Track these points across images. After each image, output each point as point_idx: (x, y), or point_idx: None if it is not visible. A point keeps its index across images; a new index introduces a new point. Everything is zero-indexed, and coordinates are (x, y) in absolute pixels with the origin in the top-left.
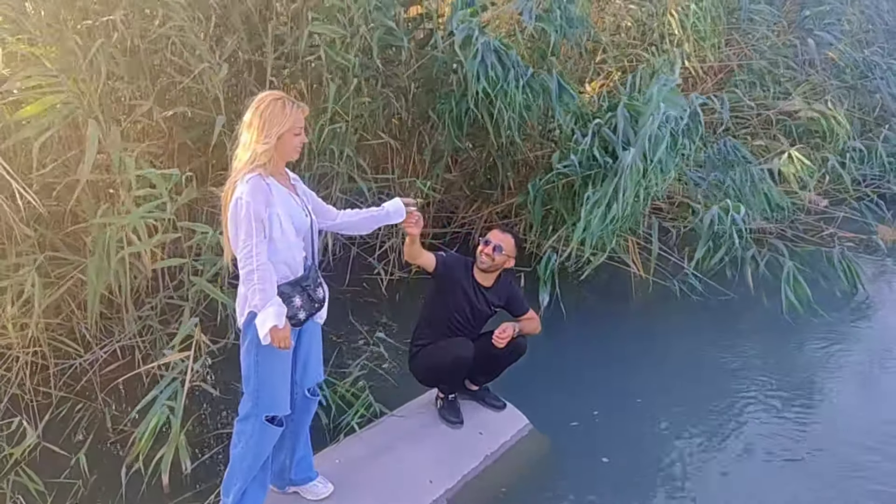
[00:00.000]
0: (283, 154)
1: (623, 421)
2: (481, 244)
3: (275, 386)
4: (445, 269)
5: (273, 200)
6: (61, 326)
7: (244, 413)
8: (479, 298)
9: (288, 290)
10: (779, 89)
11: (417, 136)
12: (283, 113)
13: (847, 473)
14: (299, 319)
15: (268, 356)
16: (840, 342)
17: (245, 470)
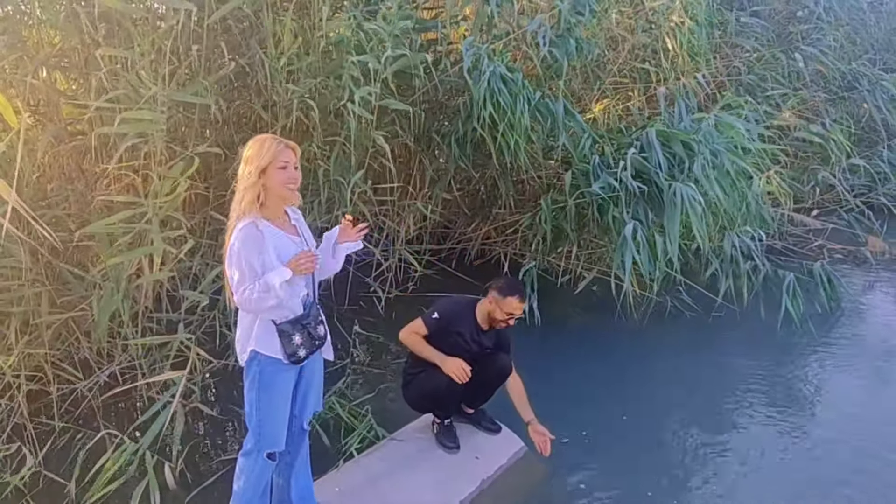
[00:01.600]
0: (273, 193)
1: (615, 439)
2: (504, 315)
3: (275, 423)
4: (438, 326)
5: (265, 247)
6: (63, 352)
7: (247, 448)
8: (475, 341)
9: (288, 328)
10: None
11: (419, 159)
12: (262, 148)
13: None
14: (299, 357)
15: (269, 392)
16: (830, 355)
17: (246, 502)
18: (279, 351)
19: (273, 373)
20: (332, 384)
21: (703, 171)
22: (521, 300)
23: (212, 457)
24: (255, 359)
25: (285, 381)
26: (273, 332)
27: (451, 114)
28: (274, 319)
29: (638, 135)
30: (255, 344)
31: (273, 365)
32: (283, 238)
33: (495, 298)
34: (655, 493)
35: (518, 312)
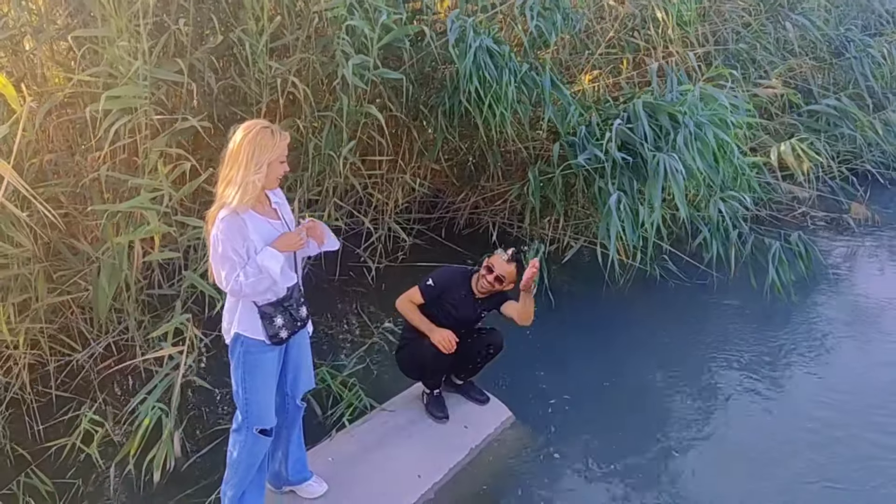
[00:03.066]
0: (266, 182)
1: (599, 405)
2: (484, 269)
3: (262, 400)
4: (433, 294)
5: (248, 234)
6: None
7: (237, 425)
8: (470, 308)
9: (270, 310)
10: (759, 72)
11: (407, 131)
12: (273, 141)
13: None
14: (281, 338)
15: (254, 373)
16: (811, 322)
17: (240, 476)
18: (261, 332)
19: (257, 353)
20: (324, 355)
21: (687, 143)
22: (507, 259)
23: (206, 426)
24: (239, 340)
25: (270, 360)
26: (255, 314)
27: (439, 86)
28: (256, 301)
29: (625, 106)
30: (238, 326)
31: (256, 346)
32: (264, 224)
33: (487, 259)
34: (640, 458)
35: (497, 268)
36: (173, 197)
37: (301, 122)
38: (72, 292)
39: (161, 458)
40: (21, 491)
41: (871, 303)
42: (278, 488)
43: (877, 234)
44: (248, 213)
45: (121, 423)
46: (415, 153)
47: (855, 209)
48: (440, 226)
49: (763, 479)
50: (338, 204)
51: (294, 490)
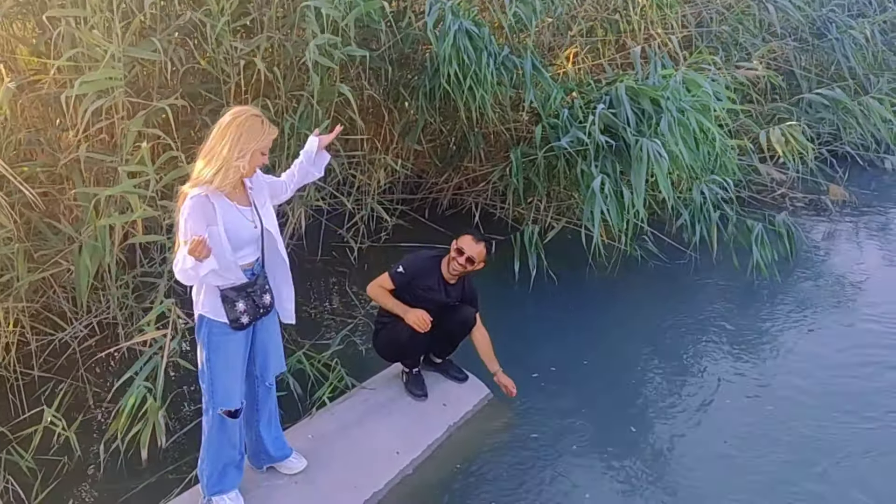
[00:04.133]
0: (246, 171)
1: (578, 383)
2: (454, 251)
3: (225, 382)
4: (404, 280)
5: (215, 219)
6: (41, 304)
7: (204, 406)
8: (442, 293)
9: (232, 294)
10: (741, 54)
11: (388, 112)
12: (262, 130)
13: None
14: (242, 323)
15: (217, 354)
16: (789, 302)
17: (213, 455)
18: (224, 316)
19: (220, 335)
20: (305, 334)
21: (670, 128)
22: (476, 240)
23: (189, 405)
24: (203, 321)
25: (234, 342)
26: (217, 297)
27: (418, 67)
28: (218, 285)
29: (607, 90)
30: (201, 308)
31: (220, 328)
32: (233, 211)
33: (455, 240)
34: (619, 435)
35: (468, 249)
36: (159, 182)
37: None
38: (53, 272)
39: (147, 435)
40: (2, 467)
41: (850, 283)
42: (258, 466)
43: (854, 215)
44: (221, 198)
45: (103, 402)
46: (396, 135)
47: (833, 191)
48: (423, 207)
49: (740, 455)
50: (318, 184)
51: (274, 467)
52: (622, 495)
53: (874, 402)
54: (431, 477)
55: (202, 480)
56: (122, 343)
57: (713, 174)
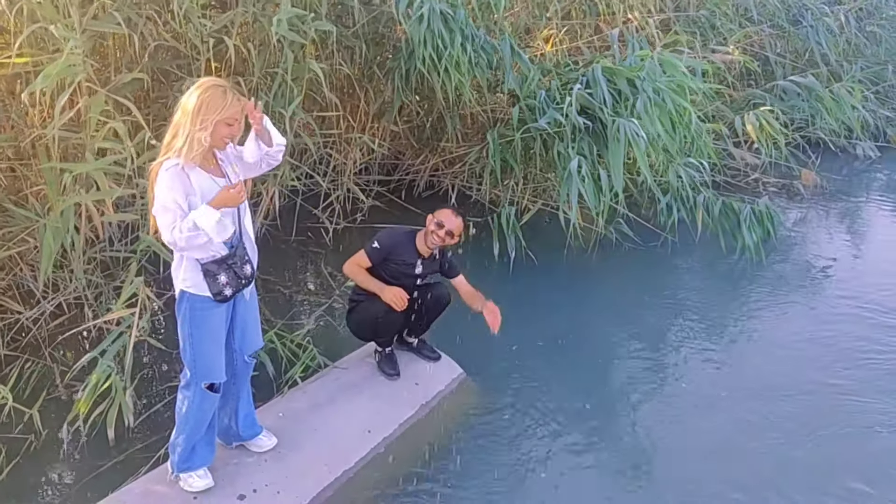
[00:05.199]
0: (213, 142)
1: (550, 364)
2: (433, 225)
3: (209, 355)
4: (380, 256)
5: (192, 190)
6: (7, 282)
7: (185, 381)
8: (418, 267)
9: (213, 267)
10: (718, 38)
11: (364, 91)
12: (223, 101)
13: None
14: (225, 296)
15: (200, 328)
16: (761, 285)
17: (189, 431)
18: (206, 289)
19: (202, 309)
20: (279, 314)
21: (646, 108)
22: (455, 214)
23: (157, 385)
24: (185, 296)
25: (216, 316)
26: (199, 271)
27: (394, 47)
28: (199, 259)
29: (584, 71)
30: (182, 283)
31: (202, 302)
32: (208, 182)
33: (431, 214)
34: (592, 414)
35: (448, 223)
36: (137, 159)
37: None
38: (19, 249)
39: (113, 415)
40: None
41: (821, 266)
42: (228, 444)
43: (826, 200)
44: (194, 168)
45: (70, 382)
46: (371, 115)
47: (805, 176)
48: (400, 188)
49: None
50: (293, 164)
51: (244, 444)
52: (592, 473)
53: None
54: (403, 455)
55: (173, 457)
56: (90, 322)
57: (689, 157)
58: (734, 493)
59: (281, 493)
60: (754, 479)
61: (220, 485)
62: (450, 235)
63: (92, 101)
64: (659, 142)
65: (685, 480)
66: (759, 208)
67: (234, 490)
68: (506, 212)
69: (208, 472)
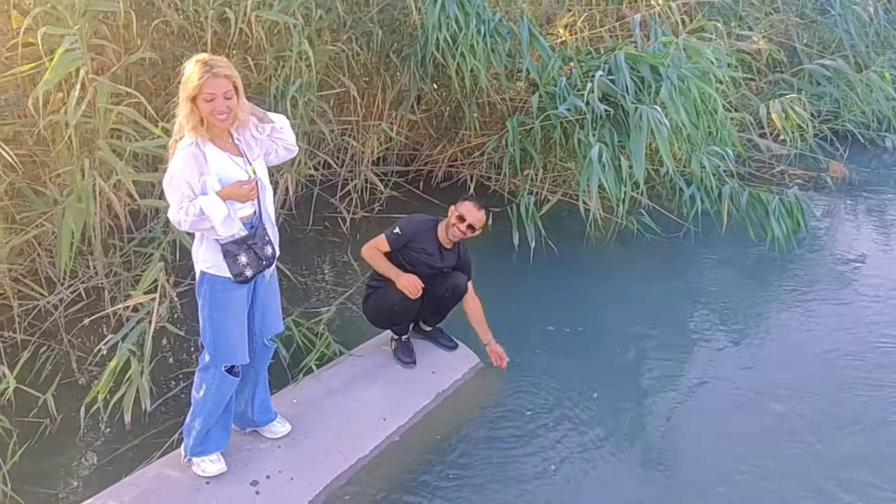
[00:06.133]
0: (211, 121)
1: (572, 355)
2: (455, 218)
3: (230, 338)
4: (400, 242)
5: (207, 169)
6: (25, 268)
7: (204, 364)
8: (437, 258)
9: (233, 248)
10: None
11: (381, 79)
12: (190, 78)
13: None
14: (246, 277)
15: (220, 311)
16: (787, 280)
17: (206, 415)
18: (226, 270)
19: (223, 291)
20: (296, 302)
21: (670, 95)
22: (477, 207)
23: (173, 370)
24: (205, 277)
25: (237, 298)
26: (219, 252)
27: (410, 34)
28: (218, 239)
29: (606, 58)
30: (203, 264)
31: (222, 283)
32: (225, 159)
33: (453, 206)
34: (610, 405)
35: (469, 216)
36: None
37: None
38: (36, 233)
39: (131, 399)
40: None
41: (848, 260)
42: (243, 429)
43: (854, 193)
44: (208, 145)
45: (87, 367)
46: (388, 103)
47: (833, 168)
48: (418, 178)
49: (735, 427)
50: (310, 151)
51: (258, 430)
52: (609, 466)
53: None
54: (418, 444)
55: (187, 440)
56: (108, 308)
57: (713, 146)
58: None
59: (294, 479)
60: (786, 479)
61: (232, 470)
62: (471, 229)
63: (98, 89)
64: (683, 130)
65: (709, 481)
66: (788, 199)
67: (246, 476)
68: (525, 201)
69: (221, 458)
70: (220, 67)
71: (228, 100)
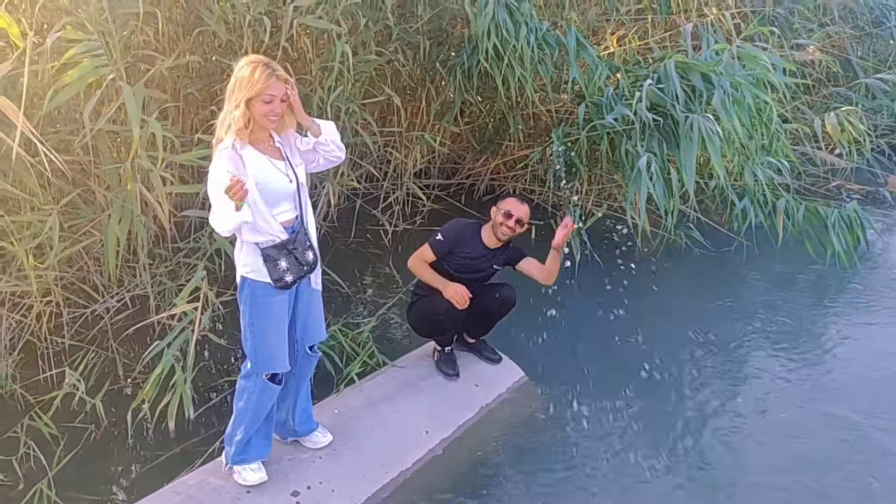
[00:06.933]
0: (257, 121)
1: (617, 372)
2: (502, 216)
3: (271, 345)
4: (444, 248)
5: (245, 172)
6: (73, 276)
7: (246, 371)
8: (483, 260)
9: (273, 252)
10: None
11: (426, 90)
12: (251, 78)
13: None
14: (286, 282)
15: (261, 317)
16: (850, 296)
17: (247, 423)
18: (266, 275)
19: (264, 296)
20: (337, 314)
21: (723, 104)
22: (520, 201)
23: (214, 380)
24: (246, 283)
25: (278, 304)
26: (259, 257)
27: (457, 44)
28: (258, 243)
29: (655, 67)
30: (243, 269)
31: (263, 289)
32: (265, 163)
33: (496, 206)
34: (655, 424)
35: (516, 211)
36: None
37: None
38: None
39: (175, 406)
40: (23, 433)
41: None
42: (284, 438)
43: None
44: (247, 148)
45: (132, 373)
46: (432, 115)
47: (892, 183)
48: (460, 192)
49: (790, 457)
50: (354, 161)
51: (299, 440)
52: (651, 490)
53: None
54: (461, 458)
55: (228, 448)
56: (153, 317)
57: (768, 157)
58: None
59: (335, 491)
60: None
61: (273, 480)
62: (520, 224)
63: (127, 98)
64: (735, 139)
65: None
66: (847, 213)
67: (287, 486)
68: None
69: (262, 466)
70: (280, 70)
71: (283, 102)
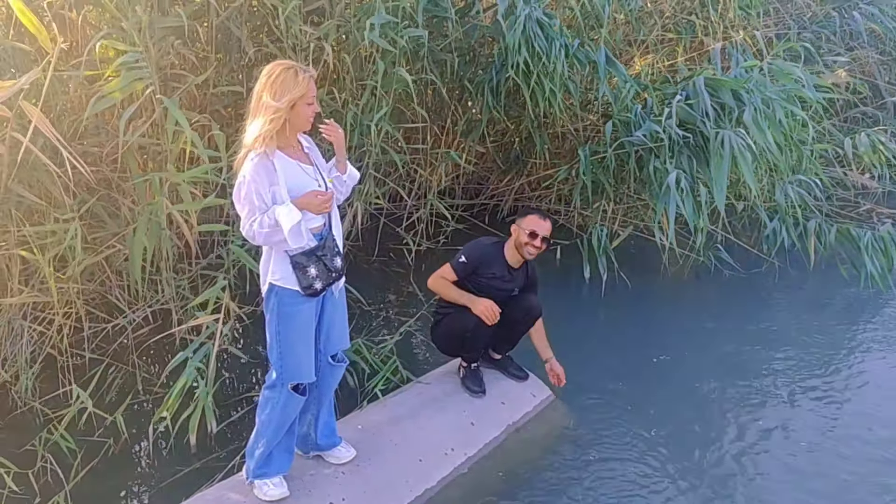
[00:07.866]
0: (295, 125)
1: (644, 393)
2: (527, 237)
3: (297, 355)
4: (467, 270)
5: (276, 179)
6: (95, 291)
7: (270, 381)
8: (506, 279)
9: (303, 259)
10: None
11: (452, 108)
12: (296, 81)
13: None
14: (315, 289)
15: (288, 326)
16: (883, 322)
17: (270, 435)
18: (295, 283)
19: (291, 304)
20: (361, 330)
21: (755, 120)
22: (542, 217)
23: (236, 394)
24: (273, 290)
25: (305, 312)
26: (288, 264)
27: (485, 62)
28: (288, 251)
29: (684, 84)
30: (271, 276)
31: (291, 297)
32: (295, 168)
33: (517, 225)
34: (682, 447)
35: (540, 229)
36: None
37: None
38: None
39: (196, 420)
40: (41, 446)
41: None
42: (306, 453)
43: None
44: (277, 154)
45: (152, 388)
46: (458, 133)
47: None
48: (483, 213)
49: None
50: (379, 179)
51: (321, 455)
52: None
53: None
54: (487, 477)
55: (249, 462)
56: (175, 329)
57: (799, 175)
58: None
59: None
60: None
61: (294, 495)
62: (545, 242)
63: (170, 108)
64: (767, 156)
65: None
66: (882, 234)
67: (309, 502)
68: (597, 231)
69: (284, 481)
70: (314, 72)
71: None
